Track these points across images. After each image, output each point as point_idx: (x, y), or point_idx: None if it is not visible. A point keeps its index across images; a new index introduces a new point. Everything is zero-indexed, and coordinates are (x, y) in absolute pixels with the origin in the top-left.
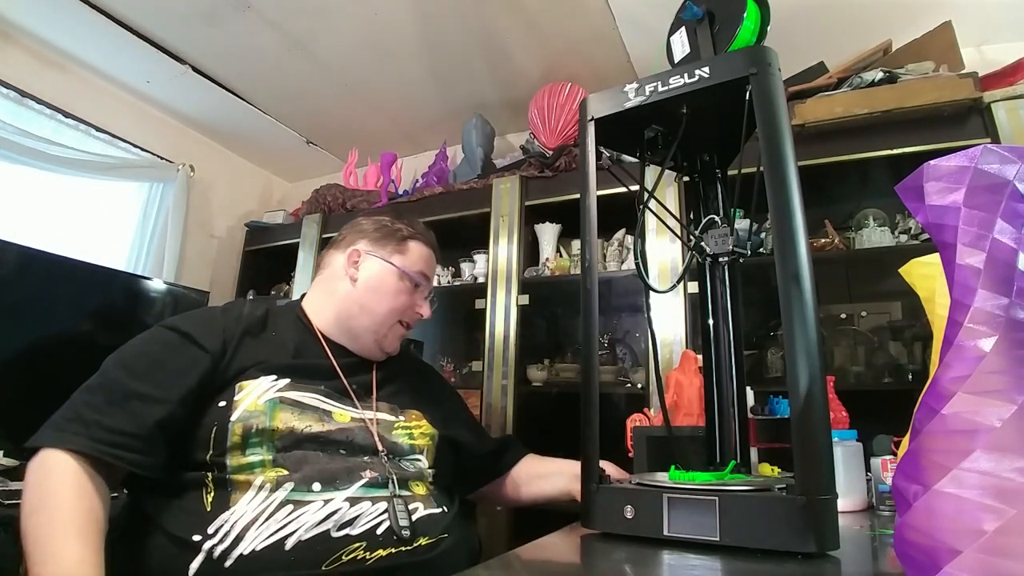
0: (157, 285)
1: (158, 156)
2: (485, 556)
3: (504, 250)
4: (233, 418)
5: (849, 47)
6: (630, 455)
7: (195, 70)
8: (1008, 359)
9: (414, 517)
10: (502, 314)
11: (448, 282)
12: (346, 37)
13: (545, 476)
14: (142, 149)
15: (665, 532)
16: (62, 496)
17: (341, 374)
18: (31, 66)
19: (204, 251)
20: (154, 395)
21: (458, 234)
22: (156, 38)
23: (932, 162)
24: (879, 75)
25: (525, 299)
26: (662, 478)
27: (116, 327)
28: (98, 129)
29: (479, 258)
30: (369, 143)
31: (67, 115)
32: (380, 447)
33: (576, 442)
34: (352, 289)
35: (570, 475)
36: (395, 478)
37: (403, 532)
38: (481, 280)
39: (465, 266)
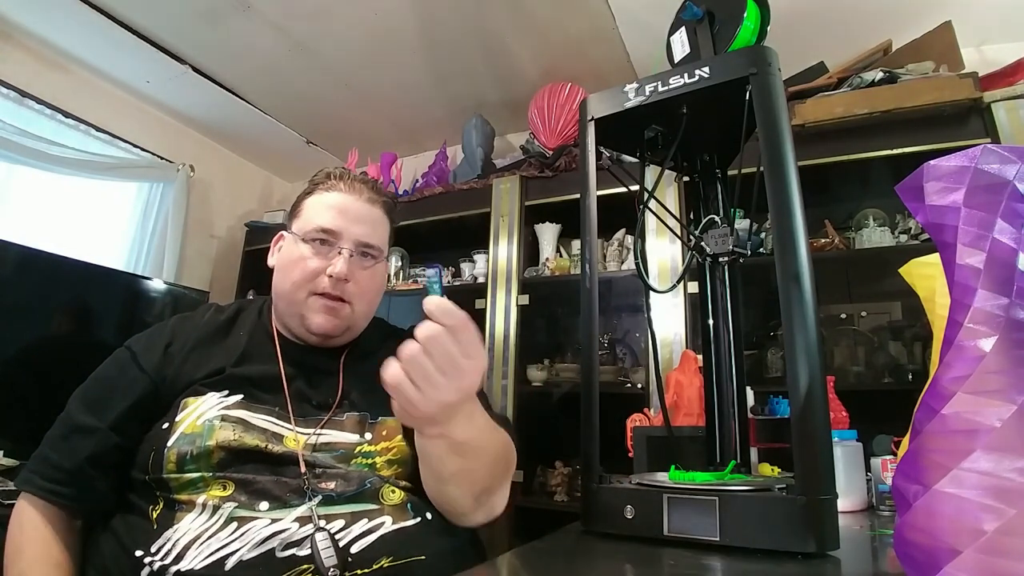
0: (157, 285)
1: (158, 156)
2: (485, 556)
3: (504, 250)
4: (169, 443)
5: (849, 47)
6: (630, 455)
7: (195, 70)
8: (1008, 359)
9: (377, 535)
10: (502, 314)
11: (448, 282)
12: (346, 37)
13: None
14: (142, 149)
15: (665, 532)
16: (28, 552)
17: (297, 380)
18: (31, 66)
19: (204, 251)
20: (91, 425)
21: (458, 234)
22: (156, 38)
23: (932, 162)
24: (879, 75)
25: (525, 299)
26: (662, 478)
27: (116, 327)
28: (98, 129)
29: (479, 258)
30: (369, 143)
31: (67, 115)
32: (329, 475)
33: (576, 442)
34: (274, 277)
35: None
36: (335, 499)
37: (331, 571)
38: (481, 280)
39: (465, 266)
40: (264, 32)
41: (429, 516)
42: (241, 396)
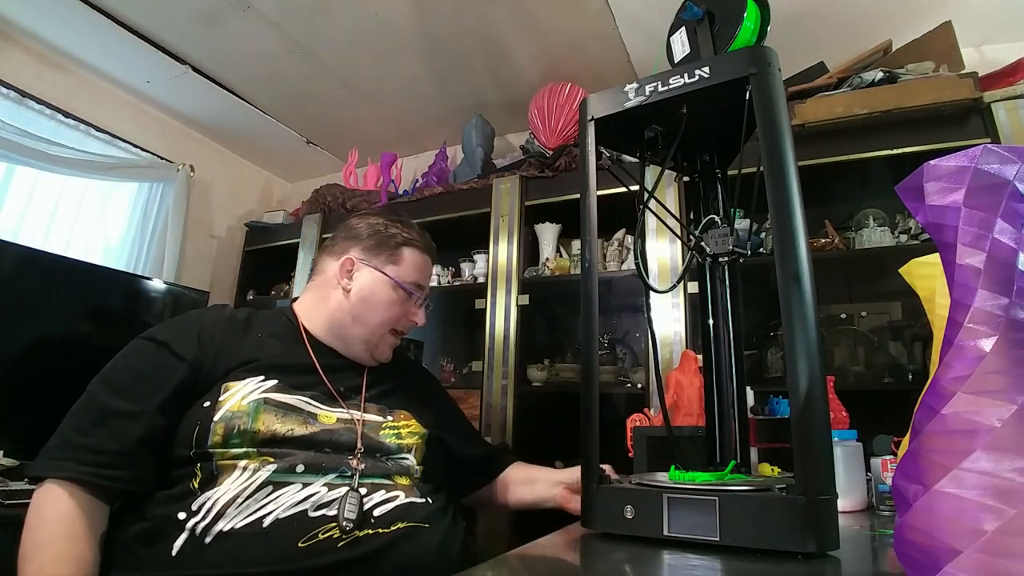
0: (157, 285)
1: (158, 156)
2: (485, 556)
3: (504, 250)
4: (216, 418)
5: (849, 47)
6: (630, 455)
7: (195, 70)
8: (1008, 359)
9: (394, 504)
10: (502, 314)
11: (448, 282)
12: (346, 37)
13: (527, 483)
14: (142, 149)
15: (665, 532)
16: (49, 550)
17: (327, 376)
18: (31, 66)
19: (204, 251)
20: (133, 410)
21: (458, 234)
22: (156, 38)
23: (932, 162)
24: (879, 75)
25: (525, 299)
26: (662, 478)
27: (116, 327)
28: (98, 129)
29: (479, 258)
30: (369, 143)
31: (67, 115)
32: (359, 445)
33: (576, 442)
34: (345, 300)
35: (548, 482)
36: (361, 472)
37: (345, 524)
38: (481, 280)
39: (465, 266)
40: (264, 32)
41: (431, 500)
42: (276, 381)
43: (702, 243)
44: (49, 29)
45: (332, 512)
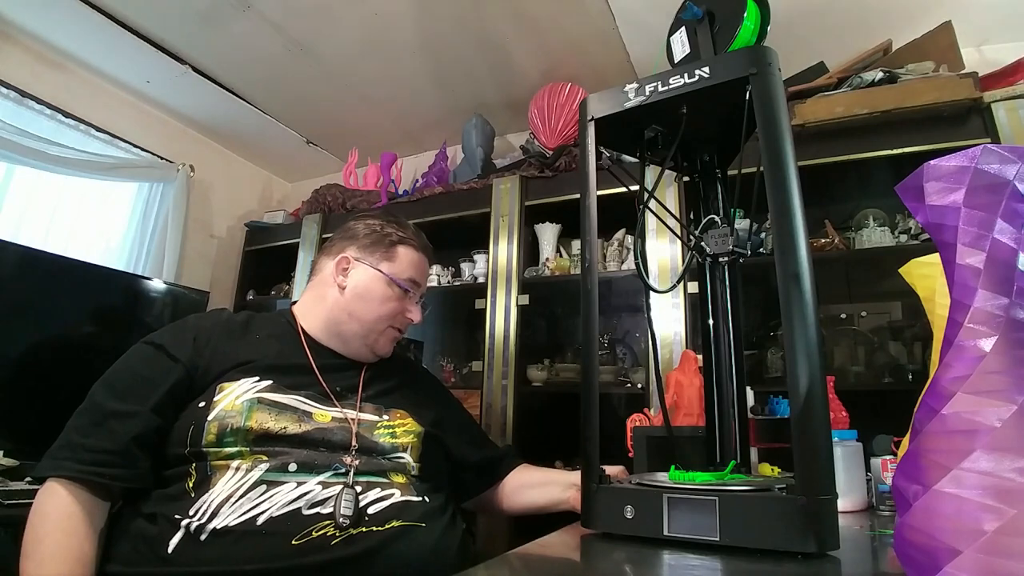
0: (157, 285)
1: (158, 156)
2: (485, 556)
3: (504, 250)
4: (210, 417)
5: (849, 47)
6: (630, 455)
7: (195, 70)
8: (1008, 359)
9: (388, 502)
10: (502, 314)
11: (448, 282)
12: (346, 37)
13: (536, 486)
14: (142, 149)
15: (665, 532)
16: (48, 544)
17: (322, 376)
18: (31, 66)
19: (204, 251)
20: (129, 410)
21: (458, 234)
22: (156, 38)
23: (932, 162)
24: (879, 75)
25: (525, 299)
26: (662, 478)
27: (116, 327)
28: (98, 129)
29: (479, 258)
30: (369, 143)
31: (67, 115)
32: (354, 443)
33: (576, 442)
34: (340, 297)
35: (561, 484)
36: (356, 470)
37: (341, 520)
38: (481, 280)
39: (465, 266)
40: (264, 32)
41: (428, 499)
42: (271, 381)
43: (702, 243)
44: (49, 29)
45: (327, 510)
